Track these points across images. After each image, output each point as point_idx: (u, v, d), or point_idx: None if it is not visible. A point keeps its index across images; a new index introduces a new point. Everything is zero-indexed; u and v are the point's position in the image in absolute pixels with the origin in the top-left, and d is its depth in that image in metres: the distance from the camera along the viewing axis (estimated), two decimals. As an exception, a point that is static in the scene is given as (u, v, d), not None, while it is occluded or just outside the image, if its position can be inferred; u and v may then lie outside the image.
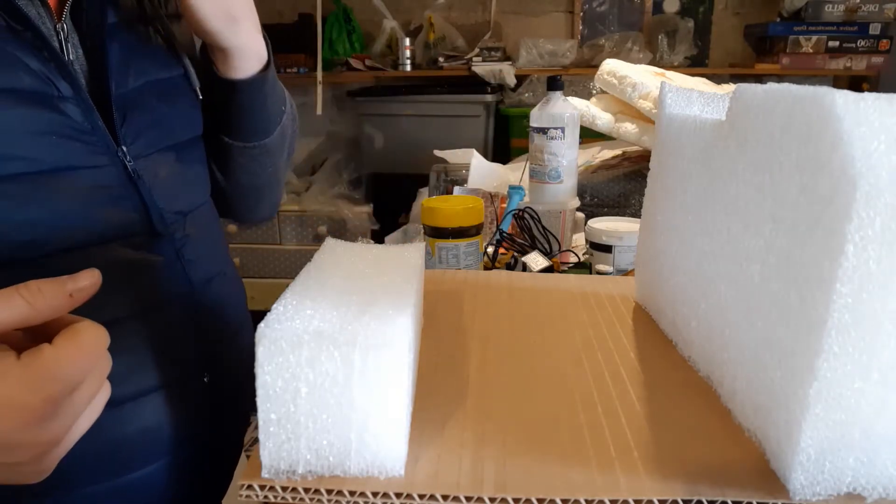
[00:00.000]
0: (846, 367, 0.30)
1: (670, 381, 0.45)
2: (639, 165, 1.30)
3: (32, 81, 0.47)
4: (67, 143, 0.48)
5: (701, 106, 0.52)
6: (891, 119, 0.28)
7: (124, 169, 0.52)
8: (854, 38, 2.24)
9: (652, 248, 0.57)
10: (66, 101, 0.48)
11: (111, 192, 0.51)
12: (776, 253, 0.34)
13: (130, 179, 0.52)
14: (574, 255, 1.01)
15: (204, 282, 0.59)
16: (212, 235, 0.63)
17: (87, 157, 0.50)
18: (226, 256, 0.67)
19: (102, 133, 0.51)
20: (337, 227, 2.42)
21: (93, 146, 0.50)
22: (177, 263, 0.56)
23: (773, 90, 0.35)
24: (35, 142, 0.47)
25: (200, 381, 0.57)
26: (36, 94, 0.47)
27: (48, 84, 0.47)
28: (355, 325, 0.35)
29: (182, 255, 0.56)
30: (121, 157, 0.52)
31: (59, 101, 0.48)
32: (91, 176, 0.50)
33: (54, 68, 0.48)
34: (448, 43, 2.50)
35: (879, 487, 0.32)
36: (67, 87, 0.48)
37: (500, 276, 0.69)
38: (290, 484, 0.34)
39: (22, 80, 0.46)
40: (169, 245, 0.55)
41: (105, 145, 0.51)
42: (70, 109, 0.49)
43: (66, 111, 0.48)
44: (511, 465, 0.35)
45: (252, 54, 0.61)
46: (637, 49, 2.39)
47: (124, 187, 0.52)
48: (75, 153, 0.49)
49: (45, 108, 0.47)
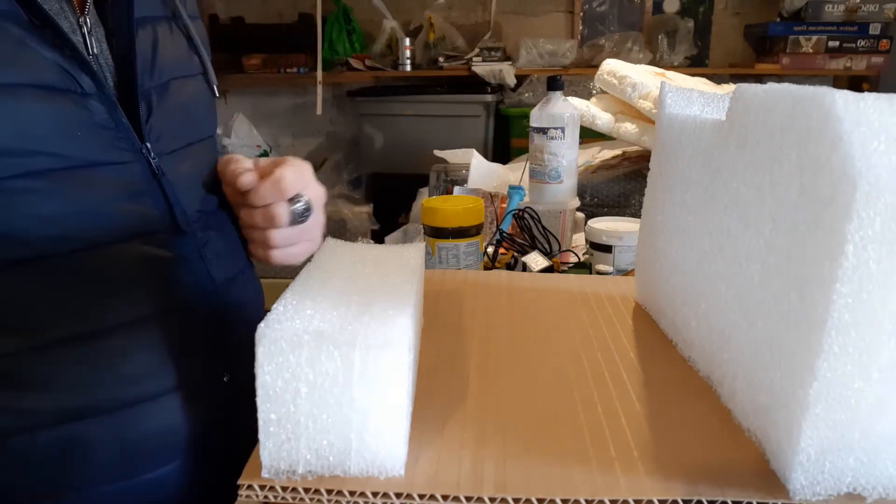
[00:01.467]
0: (846, 367, 0.30)
1: (670, 381, 0.45)
2: (639, 165, 1.30)
3: (54, 77, 0.46)
4: (91, 140, 0.48)
5: (701, 106, 0.52)
6: (891, 119, 0.28)
7: (148, 166, 0.52)
8: (854, 38, 2.24)
9: (652, 248, 0.57)
10: (89, 97, 0.48)
11: (135, 189, 0.51)
12: (776, 253, 0.34)
13: (154, 176, 0.52)
14: (574, 255, 1.01)
15: (226, 281, 0.59)
16: (232, 234, 0.63)
17: (111, 153, 0.50)
18: (244, 256, 0.67)
19: (126, 129, 0.50)
20: (337, 227, 2.42)
21: (117, 142, 0.50)
22: (200, 262, 0.56)
23: (773, 90, 0.35)
24: (59, 138, 0.47)
25: (220, 381, 0.57)
26: (58, 89, 0.47)
27: (70, 80, 0.47)
28: (355, 325, 0.35)
29: (204, 254, 0.56)
30: (145, 154, 0.52)
31: (81, 97, 0.48)
32: (115, 172, 0.50)
33: (76, 64, 0.47)
34: (448, 43, 2.50)
35: (879, 487, 0.32)
36: (90, 82, 0.48)
37: (500, 276, 0.69)
38: (290, 484, 0.34)
39: (43, 75, 0.46)
40: (192, 243, 0.55)
41: (129, 142, 0.51)
42: (93, 105, 0.48)
43: (90, 107, 0.48)
44: (511, 465, 0.35)
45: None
46: (637, 49, 2.39)
47: (148, 184, 0.52)
48: (99, 149, 0.49)
49: (68, 104, 0.47)
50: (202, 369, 0.56)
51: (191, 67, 0.60)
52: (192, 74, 0.60)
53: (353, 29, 2.54)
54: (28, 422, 0.48)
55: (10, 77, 0.44)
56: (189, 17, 0.61)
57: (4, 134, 0.44)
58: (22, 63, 0.45)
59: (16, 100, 0.44)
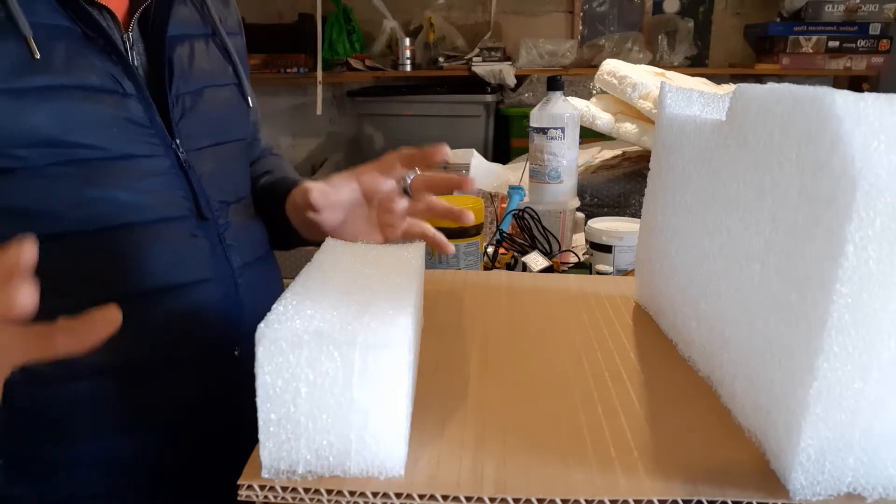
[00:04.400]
0: (846, 367, 0.30)
1: (670, 381, 0.45)
2: (639, 165, 1.30)
3: (101, 80, 0.54)
4: (129, 135, 0.56)
5: (701, 106, 0.52)
6: (890, 119, 0.28)
7: (177, 159, 0.59)
8: (854, 38, 2.24)
9: (652, 248, 0.57)
10: (130, 98, 0.56)
11: (165, 179, 0.58)
12: (776, 253, 0.34)
13: (182, 169, 0.59)
14: (574, 255, 1.01)
15: (242, 265, 0.64)
16: (253, 225, 0.70)
17: (145, 147, 0.57)
18: (265, 245, 0.72)
19: (160, 127, 0.58)
20: (337, 227, 2.42)
21: (151, 138, 0.57)
22: (218, 246, 0.62)
23: (773, 90, 0.35)
24: (101, 132, 0.54)
25: (231, 354, 0.63)
26: (103, 90, 0.54)
27: (115, 83, 0.55)
28: (355, 325, 0.35)
29: (224, 240, 0.63)
30: (174, 149, 0.59)
31: (123, 97, 0.55)
32: (148, 164, 0.57)
33: (120, 70, 0.55)
34: (448, 43, 2.50)
35: (879, 487, 0.32)
36: (131, 85, 0.56)
37: (500, 276, 0.69)
38: (290, 484, 0.34)
39: (90, 78, 0.53)
40: (212, 229, 0.62)
41: (161, 138, 0.58)
42: (132, 105, 0.56)
43: (129, 107, 0.56)
44: (511, 465, 0.35)
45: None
46: (637, 49, 2.39)
47: (176, 175, 0.59)
48: (135, 143, 0.56)
49: (111, 104, 0.55)
50: (214, 342, 0.61)
51: (226, 78, 0.68)
52: (226, 84, 0.68)
53: (353, 29, 2.54)
54: (49, 374, 0.53)
55: (62, 81, 0.52)
56: (229, 33, 0.69)
57: (51, 127, 0.51)
58: (74, 69, 0.53)
59: (64, 99, 0.52)
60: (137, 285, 0.56)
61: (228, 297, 0.63)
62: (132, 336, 0.55)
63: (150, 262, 0.57)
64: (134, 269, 0.56)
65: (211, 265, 0.61)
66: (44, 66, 0.51)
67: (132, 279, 0.56)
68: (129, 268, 0.56)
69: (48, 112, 0.51)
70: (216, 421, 0.63)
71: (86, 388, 0.55)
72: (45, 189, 0.52)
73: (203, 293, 0.60)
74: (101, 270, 0.55)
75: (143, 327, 0.56)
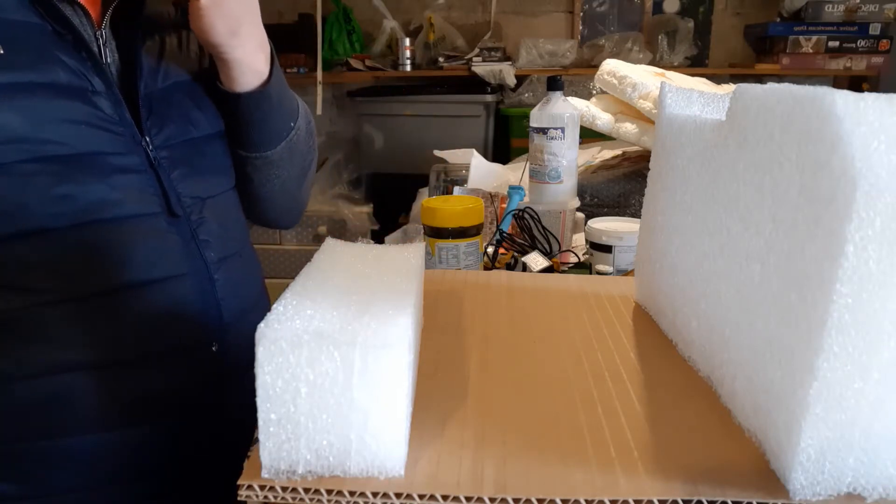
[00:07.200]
0: (846, 367, 0.30)
1: (670, 381, 0.45)
2: (639, 165, 1.30)
3: (69, 77, 0.54)
4: (98, 132, 0.55)
5: (701, 106, 0.52)
6: (890, 119, 0.28)
7: (147, 157, 0.59)
8: (854, 39, 2.24)
9: (652, 248, 0.57)
10: (99, 95, 0.56)
11: (135, 176, 0.58)
12: (776, 253, 0.34)
13: (152, 166, 0.59)
14: (574, 255, 1.01)
15: (218, 261, 0.64)
16: (230, 221, 0.69)
17: (114, 144, 0.56)
18: (243, 240, 0.72)
19: (129, 124, 0.58)
20: (337, 227, 2.42)
21: (120, 135, 0.57)
22: (191, 242, 0.62)
23: (773, 90, 0.35)
24: (70, 129, 0.53)
25: (209, 350, 0.63)
26: (72, 87, 0.54)
27: (83, 79, 0.55)
28: (355, 325, 0.35)
29: (197, 235, 0.62)
30: (144, 147, 0.59)
31: (92, 94, 0.55)
32: (118, 161, 0.57)
33: (90, 66, 0.55)
34: (448, 43, 2.50)
35: (879, 487, 0.32)
36: (100, 82, 0.56)
37: (500, 276, 0.69)
38: (290, 484, 0.34)
39: (59, 75, 0.53)
40: (185, 225, 0.61)
41: (131, 135, 0.58)
42: (101, 102, 0.56)
43: (98, 104, 0.56)
44: (511, 465, 0.35)
45: (250, 70, 0.65)
46: (637, 49, 2.39)
47: (146, 172, 0.59)
48: (105, 141, 0.56)
49: (80, 101, 0.54)
50: (190, 337, 0.62)
51: (199, 72, 0.67)
52: (199, 79, 0.66)
53: (353, 29, 2.54)
54: (26, 371, 0.55)
55: (30, 78, 0.52)
56: None
57: (20, 125, 0.51)
58: (42, 67, 0.52)
59: (33, 97, 0.52)
60: (112, 281, 0.56)
61: (205, 292, 0.62)
62: (109, 331, 0.56)
63: (124, 257, 0.57)
64: (108, 265, 0.56)
65: (185, 261, 0.61)
66: (9, 63, 0.51)
67: (106, 275, 0.56)
68: (103, 263, 0.56)
69: (16, 109, 0.51)
70: (196, 415, 0.63)
71: (64, 384, 0.55)
72: (16, 186, 0.51)
73: (178, 289, 0.60)
74: (76, 266, 0.55)
75: (119, 322, 0.57)
